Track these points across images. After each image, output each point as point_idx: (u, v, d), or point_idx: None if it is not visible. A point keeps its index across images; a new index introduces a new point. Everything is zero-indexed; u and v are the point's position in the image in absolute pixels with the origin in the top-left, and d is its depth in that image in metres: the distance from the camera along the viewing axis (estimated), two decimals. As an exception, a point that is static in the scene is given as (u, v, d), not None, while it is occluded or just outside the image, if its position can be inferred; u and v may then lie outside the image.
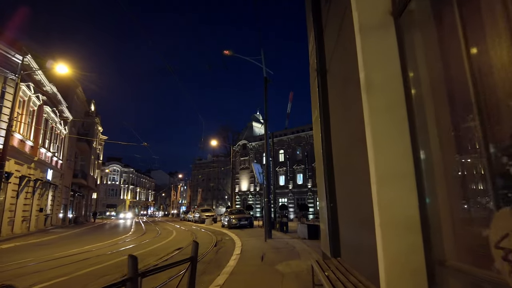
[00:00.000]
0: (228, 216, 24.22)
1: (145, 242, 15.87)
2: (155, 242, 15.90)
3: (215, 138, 32.99)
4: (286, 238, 15.31)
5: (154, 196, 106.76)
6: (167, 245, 14.68)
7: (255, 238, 15.72)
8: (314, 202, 49.67)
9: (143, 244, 15.15)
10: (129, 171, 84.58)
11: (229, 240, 16.00)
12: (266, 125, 15.93)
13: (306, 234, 14.85)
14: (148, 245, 14.78)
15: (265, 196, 15.43)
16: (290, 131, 55.40)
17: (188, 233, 21.07)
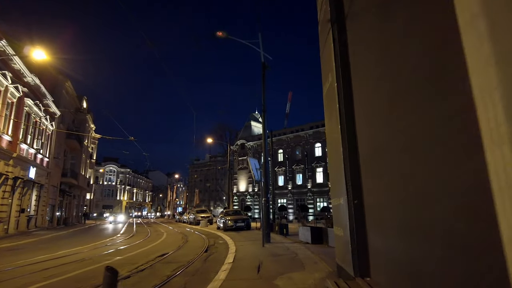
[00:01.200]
0: (224, 218, 22.31)
1: (129, 247, 13.99)
2: (140, 246, 14.03)
3: (211, 136, 31.12)
4: (286, 243, 13.44)
5: (151, 197, 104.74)
6: (151, 250, 12.81)
7: (251, 242, 13.84)
8: (314, 203, 47.87)
9: (126, 249, 13.29)
10: (126, 171, 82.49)
11: (222, 245, 14.12)
12: (264, 116, 14.08)
13: (309, 238, 12.99)
14: (131, 249, 12.93)
15: (263, 196, 13.57)
16: (290, 130, 53.65)
17: (179, 236, 19.17)
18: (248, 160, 11.38)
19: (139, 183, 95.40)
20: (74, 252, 12.46)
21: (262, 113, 14.16)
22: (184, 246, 13.89)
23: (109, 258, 10.69)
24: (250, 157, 12.33)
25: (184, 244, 14.47)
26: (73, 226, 31.69)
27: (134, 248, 13.41)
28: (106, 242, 16.11)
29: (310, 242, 12.90)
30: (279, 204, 50.44)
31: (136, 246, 14.26)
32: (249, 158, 11.69)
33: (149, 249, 13.14)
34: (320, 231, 12.90)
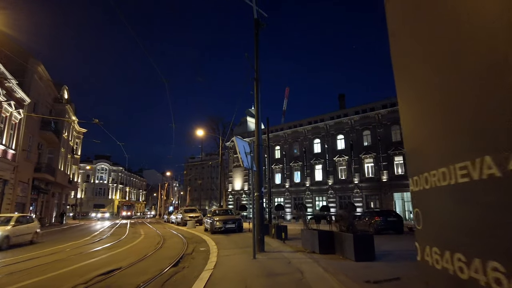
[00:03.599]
0: (211, 218, 18.76)
1: (79, 256, 10.48)
2: (95, 256, 10.51)
3: (203, 129, 27.64)
4: (285, 252, 9.95)
5: (145, 196, 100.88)
6: (104, 261, 9.31)
7: (240, 251, 10.35)
8: (312, 202, 44.40)
9: (79, 257, 9.84)
10: (118, 169, 78.54)
11: (201, 254, 10.63)
12: (257, 87, 10.61)
13: (317, 245, 9.51)
14: (77, 260, 9.44)
15: (255, 189, 10.10)
16: (287, 125, 50.26)
17: (155, 240, 15.64)
18: (235, 140, 7.86)
19: (133, 181, 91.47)
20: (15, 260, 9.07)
21: (255, 83, 10.70)
22: (151, 255, 10.40)
23: (53, 268, 7.37)
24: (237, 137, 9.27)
25: (154, 253, 10.97)
26: (48, 227, 28.05)
27: (84, 258, 9.87)
28: (63, 249, 12.55)
29: (317, 251, 9.43)
30: (276, 203, 47.07)
31: (89, 255, 10.72)
32: (236, 138, 8.23)
33: (104, 259, 9.64)
34: (331, 236, 9.44)
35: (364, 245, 8.08)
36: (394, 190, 38.13)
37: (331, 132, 44.04)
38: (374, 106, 41.10)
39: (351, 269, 6.99)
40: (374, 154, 39.77)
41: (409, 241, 13.58)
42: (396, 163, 38.38)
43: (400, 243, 12.54)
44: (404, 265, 7.50)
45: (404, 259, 8.43)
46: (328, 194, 42.96)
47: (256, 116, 10.47)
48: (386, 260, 8.20)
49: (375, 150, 39.76)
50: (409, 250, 10.57)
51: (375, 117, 40.38)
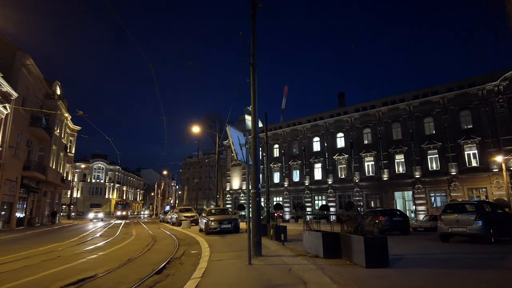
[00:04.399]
0: (206, 218, 17.60)
1: (65, 257, 9.36)
2: (80, 258, 9.39)
3: (199, 125, 26.46)
4: (285, 256, 8.81)
5: (143, 196, 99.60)
6: (86, 265, 8.19)
7: (235, 255, 9.22)
8: (312, 201, 43.28)
9: (53, 262, 8.70)
10: (115, 168, 77.18)
11: (191, 258, 9.50)
12: (253, 71, 9.49)
13: (320, 248, 8.38)
14: (60, 263, 8.39)
15: (251, 185, 8.98)
16: (286, 124, 49.18)
17: (145, 242, 14.48)
18: (228, 130, 6.68)
19: (130, 181, 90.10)
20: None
21: (251, 68, 9.57)
22: (136, 259, 9.26)
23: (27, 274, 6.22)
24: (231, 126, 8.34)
25: (139, 256, 9.83)
26: (38, 227, 26.84)
27: (58, 263, 8.68)
28: (41, 252, 11.37)
29: (321, 255, 8.31)
30: (274, 203, 45.98)
31: (67, 259, 9.52)
32: (229, 127, 7.09)
33: (81, 264, 8.46)
34: (337, 239, 8.31)
35: (376, 250, 6.96)
36: (395, 189, 37.09)
37: (331, 130, 42.95)
38: (375, 104, 40.04)
39: (363, 278, 5.87)
40: (374, 152, 38.73)
41: (418, 243, 12.46)
42: (397, 161, 37.34)
43: (410, 246, 11.43)
44: (422, 273, 6.41)
45: (420, 265, 7.34)
46: (327, 193, 41.87)
47: (252, 105, 9.35)
48: (400, 266, 7.08)
49: (375, 148, 38.71)
50: (422, 254, 9.48)
51: (376, 115, 39.32)
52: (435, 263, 7.61)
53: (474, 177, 31.83)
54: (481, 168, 31.56)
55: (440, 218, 12.01)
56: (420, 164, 35.28)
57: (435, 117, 35.06)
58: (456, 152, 33.03)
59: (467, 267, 7.09)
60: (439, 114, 34.71)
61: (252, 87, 9.35)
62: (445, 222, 11.67)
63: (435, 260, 8.15)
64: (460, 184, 32.55)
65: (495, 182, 30.66)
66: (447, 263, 7.64)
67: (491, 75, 32.15)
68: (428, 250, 10.32)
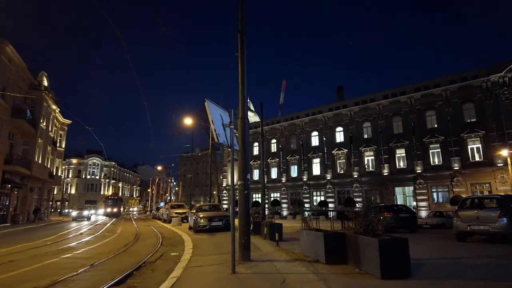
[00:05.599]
0: (195, 215, 16.01)
1: (16, 262, 7.75)
2: (36, 262, 7.78)
3: (191, 117, 24.85)
4: (279, 260, 7.19)
5: (139, 192, 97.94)
6: (33, 273, 6.58)
7: (218, 259, 7.61)
8: (310, 197, 41.74)
9: (8, 265, 7.09)
10: (111, 164, 75.37)
11: (168, 262, 7.90)
12: (241, 41, 7.85)
13: (322, 252, 6.78)
14: (5, 270, 6.75)
15: (238, 176, 7.39)
16: (284, 118, 47.57)
17: (126, 241, 12.87)
18: (207, 105, 4.93)
19: (126, 177, 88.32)
20: None
21: (238, 37, 7.93)
22: (101, 263, 7.66)
23: None
24: (210, 101, 6.80)
25: (107, 260, 8.24)
26: (22, 225, 25.18)
27: (9, 267, 7.08)
28: (4, 252, 9.77)
29: (322, 260, 6.72)
30: (272, 199, 44.45)
31: (18, 263, 7.87)
32: (209, 102, 5.41)
33: (27, 272, 6.85)
34: (342, 240, 6.72)
35: (395, 255, 5.37)
36: (395, 185, 35.60)
37: (330, 124, 41.37)
38: (375, 97, 38.46)
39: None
40: (374, 147, 37.21)
41: (432, 243, 10.81)
42: (398, 156, 35.84)
43: (425, 247, 9.82)
44: (456, 286, 4.84)
45: (450, 275, 5.68)
46: (326, 189, 40.34)
47: (240, 81, 7.72)
48: (425, 276, 5.48)
49: (375, 142, 37.18)
50: (444, 258, 7.81)
51: (376, 108, 37.76)
52: (467, 272, 6.02)
53: (477, 172, 30.38)
54: (485, 163, 30.12)
55: (457, 214, 10.45)
56: (421, 158, 33.80)
57: (437, 110, 33.54)
58: (459, 146, 31.55)
59: (506, 278, 5.54)
60: (442, 107, 33.17)
61: (240, 59, 7.72)
62: (463, 219, 10.10)
63: (463, 266, 6.57)
64: (463, 179, 31.09)
65: (499, 177, 29.23)
66: (481, 271, 6.07)
67: (496, 66, 30.64)
68: (448, 252, 8.73)
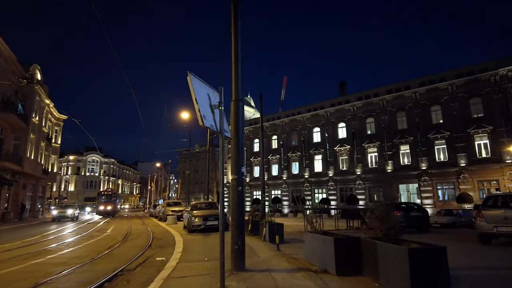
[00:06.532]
0: (189, 213, 14.79)
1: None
2: (7, 266, 6.58)
3: (188, 111, 23.60)
4: (279, 271, 5.93)
5: (139, 189, 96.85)
6: None
7: (208, 267, 6.36)
8: (311, 194, 40.51)
9: None
10: (110, 161, 74.29)
11: (148, 271, 6.67)
12: (235, 5, 6.61)
13: (332, 259, 5.52)
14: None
15: (231, 169, 6.18)
16: (285, 114, 46.29)
17: (113, 241, 11.67)
18: (189, 80, 3.57)
19: (126, 174, 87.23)
20: None
21: (232, 2, 6.68)
22: (69, 273, 6.45)
23: None
24: (193, 74, 5.71)
25: (80, 266, 7.03)
26: (10, 223, 23.96)
27: None
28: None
29: (332, 270, 5.48)
30: (272, 196, 43.26)
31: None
32: (191, 76, 4.08)
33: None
34: (356, 247, 5.48)
35: (430, 269, 4.15)
36: (399, 182, 34.29)
37: (332, 120, 40.05)
38: (378, 91, 37.13)
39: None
40: (378, 143, 35.92)
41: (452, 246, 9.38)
42: (402, 152, 34.57)
43: (449, 251, 8.50)
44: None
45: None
46: (328, 186, 39.10)
47: (233, 56, 6.46)
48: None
49: (379, 138, 35.89)
50: (477, 267, 6.54)
51: (380, 103, 36.45)
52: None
53: (485, 169, 29.12)
54: (493, 159, 28.86)
55: (480, 214, 9.20)
56: (426, 155, 32.53)
57: (443, 105, 32.21)
58: (466, 142, 30.27)
59: None
60: (447, 102, 31.85)
61: (234, 30, 6.46)
62: (487, 220, 8.85)
63: (506, 280, 5.32)
64: (469, 176, 29.83)
65: (508, 174, 27.99)
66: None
67: (504, 59, 29.31)
68: (479, 259, 7.43)
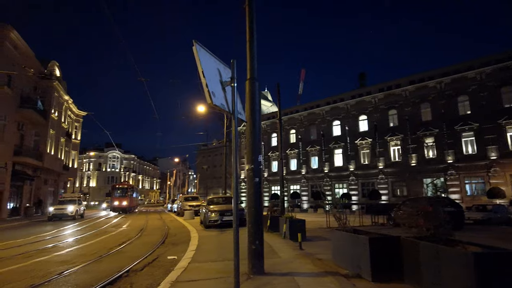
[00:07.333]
0: (206, 208, 14.16)
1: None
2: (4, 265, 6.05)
3: (203, 105, 22.89)
4: (304, 275, 5.09)
5: (159, 184, 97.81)
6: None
7: (221, 268, 5.60)
8: (332, 189, 39.29)
9: None
10: (130, 157, 75.19)
11: (156, 272, 5.99)
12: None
13: (367, 262, 4.66)
14: None
15: (246, 158, 5.40)
16: (303, 107, 45.03)
17: (125, 237, 11.14)
18: (195, 50, 2.71)
19: (146, 170, 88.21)
20: None
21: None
22: (68, 274, 5.86)
23: None
24: (199, 44, 5.02)
25: (86, 265, 6.44)
26: (29, 218, 24.04)
27: None
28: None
29: (367, 275, 4.61)
30: (291, 191, 42.33)
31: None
32: (197, 46, 3.23)
33: None
34: (395, 248, 4.58)
35: (502, 279, 3.24)
36: (423, 176, 32.62)
37: (352, 113, 38.62)
38: (401, 82, 35.42)
39: None
40: (401, 136, 34.30)
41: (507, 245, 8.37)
42: (427, 145, 32.83)
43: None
44: None
45: None
46: (349, 181, 37.80)
47: (248, 30, 5.64)
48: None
49: (402, 131, 34.25)
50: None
51: (402, 94, 34.77)
52: None
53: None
54: (527, 151, 26.97)
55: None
56: (453, 147, 30.73)
57: (471, 95, 30.29)
58: (496, 134, 28.35)
59: None
60: (475, 91, 29.92)
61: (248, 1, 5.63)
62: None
63: None
64: (501, 170, 27.94)
65: (544, 167, 26.09)
66: None
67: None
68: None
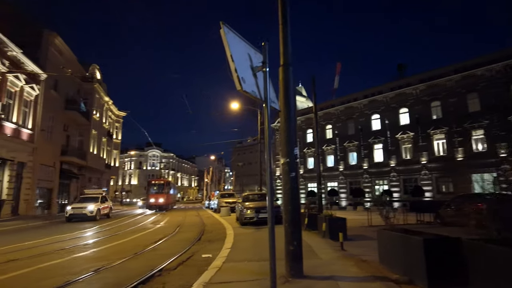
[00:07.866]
0: (241, 205, 13.92)
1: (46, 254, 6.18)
2: (42, 261, 6.12)
3: (238, 101, 22.65)
4: (347, 280, 4.57)
5: (197, 182, 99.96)
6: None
7: (257, 269, 5.22)
8: (371, 186, 37.76)
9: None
10: (169, 156, 77.71)
11: (190, 271, 5.74)
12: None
13: (421, 268, 4.05)
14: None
15: (281, 152, 4.97)
16: (339, 101, 43.59)
17: (162, 234, 11.13)
18: (223, 33, 2.33)
19: (184, 167, 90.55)
20: None
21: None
22: (102, 270, 5.77)
23: None
24: (227, 26, 4.60)
25: (119, 264, 6.36)
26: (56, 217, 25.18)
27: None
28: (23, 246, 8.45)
29: (423, 282, 4.02)
30: (328, 188, 41.21)
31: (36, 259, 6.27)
32: (225, 28, 2.85)
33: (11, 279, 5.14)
34: (455, 251, 3.95)
35: None
36: (471, 171, 30.27)
37: (392, 106, 36.75)
38: (444, 71, 33.13)
39: None
40: (445, 128, 32.08)
41: None
42: (475, 138, 30.45)
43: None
44: None
45: None
46: (390, 177, 36.09)
47: (281, 13, 5.21)
48: None
49: (446, 123, 32.01)
50: None
51: (446, 84, 32.48)
52: None
53: None
54: None
55: None
56: (505, 140, 28.14)
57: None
58: (560, 124, 25.69)
59: None
60: (530, 78, 27.31)
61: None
62: None
63: None
64: None
65: None
66: None
67: None
68: None
